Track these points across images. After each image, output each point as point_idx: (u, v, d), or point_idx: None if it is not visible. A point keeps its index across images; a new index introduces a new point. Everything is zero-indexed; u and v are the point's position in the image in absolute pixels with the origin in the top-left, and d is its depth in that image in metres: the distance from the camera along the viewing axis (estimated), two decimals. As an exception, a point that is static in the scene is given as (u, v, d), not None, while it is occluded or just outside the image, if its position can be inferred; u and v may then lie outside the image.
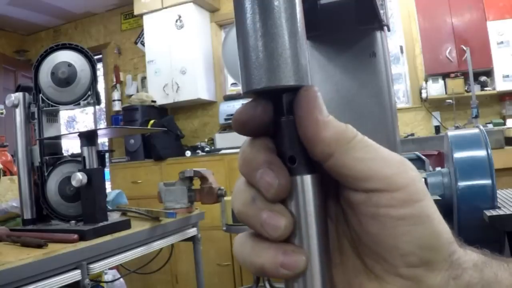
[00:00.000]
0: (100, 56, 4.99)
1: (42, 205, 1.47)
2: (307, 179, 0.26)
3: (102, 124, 5.30)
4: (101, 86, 4.98)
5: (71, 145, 3.04)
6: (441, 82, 3.61)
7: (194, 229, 1.94)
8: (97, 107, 1.56)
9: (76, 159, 1.50)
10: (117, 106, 4.76)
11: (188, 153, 3.82)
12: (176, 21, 4.17)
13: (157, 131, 3.70)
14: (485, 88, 3.54)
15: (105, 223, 1.41)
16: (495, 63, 3.42)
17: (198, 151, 3.89)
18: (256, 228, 0.26)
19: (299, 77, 0.25)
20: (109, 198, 1.94)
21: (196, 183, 1.91)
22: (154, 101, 4.23)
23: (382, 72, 0.66)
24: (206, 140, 4.32)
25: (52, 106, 1.51)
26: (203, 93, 4.24)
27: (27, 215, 1.47)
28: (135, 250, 1.55)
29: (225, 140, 3.94)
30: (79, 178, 1.35)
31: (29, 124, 1.53)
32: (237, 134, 0.27)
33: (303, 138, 0.26)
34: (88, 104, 1.52)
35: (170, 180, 1.89)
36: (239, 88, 4.01)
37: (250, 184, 0.27)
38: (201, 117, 4.54)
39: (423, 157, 1.95)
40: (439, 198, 1.42)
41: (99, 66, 4.86)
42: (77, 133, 1.47)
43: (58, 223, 1.46)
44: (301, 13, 0.26)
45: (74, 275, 1.25)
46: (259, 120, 0.26)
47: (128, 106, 4.19)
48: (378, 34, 0.66)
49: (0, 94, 4.58)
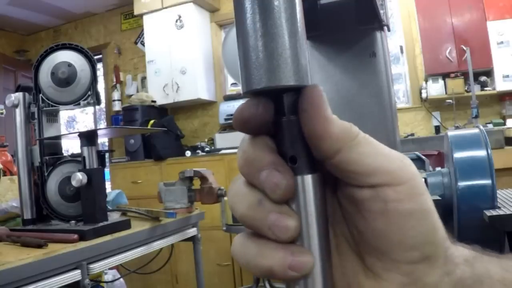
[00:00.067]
0: (100, 56, 4.99)
1: (42, 205, 1.47)
2: (309, 179, 0.26)
3: (102, 124, 5.30)
4: (101, 86, 4.98)
5: (71, 145, 3.04)
6: (441, 82, 3.61)
7: (194, 229, 1.94)
8: (97, 107, 1.56)
9: (76, 159, 1.50)
10: (117, 106, 4.76)
11: (188, 153, 3.82)
12: (176, 21, 4.17)
13: (157, 131, 3.70)
14: (485, 88, 3.54)
15: (105, 223, 1.41)
16: (495, 63, 3.42)
17: (198, 151, 3.89)
18: (263, 231, 0.26)
19: (299, 77, 0.25)
20: (109, 198, 1.94)
21: (196, 183, 1.90)
22: (154, 101, 4.23)
23: (382, 72, 0.66)
24: (206, 140, 4.32)
25: (52, 106, 1.51)
26: (203, 93, 4.24)
27: (27, 215, 1.47)
28: (135, 250, 1.55)
29: (225, 140, 3.94)
30: (79, 178, 1.35)
31: (29, 124, 1.53)
32: (237, 134, 0.27)
33: (311, 135, 0.26)
34: (88, 104, 1.52)
35: (170, 180, 1.89)
36: (239, 88, 4.01)
37: (252, 186, 0.26)
38: (201, 117, 4.54)
39: (423, 157, 1.95)
40: (439, 198, 1.42)
41: (99, 66, 4.87)
42: (77, 133, 1.47)
43: (58, 223, 1.46)
44: (301, 13, 0.26)
45: (74, 275, 1.25)
46: (261, 118, 0.26)
47: (128, 106, 4.19)
48: (378, 34, 0.67)
49: (0, 94, 4.58)
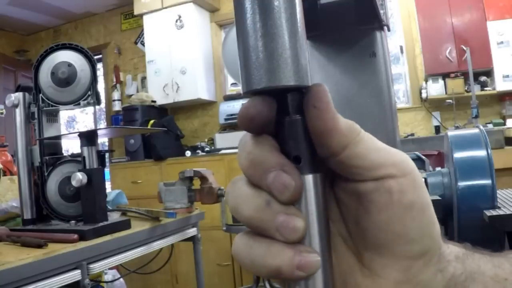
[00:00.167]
0: (100, 56, 4.99)
1: (42, 205, 1.47)
2: (313, 178, 0.26)
3: (102, 124, 5.30)
4: (101, 86, 4.98)
5: (71, 145, 3.04)
6: (441, 82, 3.61)
7: (194, 229, 1.94)
8: (97, 107, 1.56)
9: (76, 159, 1.50)
10: (117, 106, 4.76)
11: (188, 153, 3.82)
12: (176, 21, 4.17)
13: (157, 131, 3.70)
14: (485, 88, 3.54)
15: (105, 223, 1.41)
16: (495, 63, 3.42)
17: (198, 151, 3.89)
18: (270, 232, 0.25)
19: (299, 77, 0.25)
20: (109, 198, 1.94)
21: (196, 183, 1.90)
22: (154, 101, 4.23)
23: (382, 72, 0.66)
24: (206, 140, 4.32)
25: (52, 106, 1.51)
26: (203, 93, 4.23)
27: (27, 215, 1.47)
28: (135, 250, 1.55)
29: (225, 140, 3.94)
30: (79, 178, 1.35)
31: (29, 124, 1.53)
32: (237, 134, 0.27)
33: (321, 130, 0.26)
34: (88, 104, 1.52)
35: (170, 180, 1.89)
36: (239, 88, 4.01)
37: (257, 187, 0.26)
38: (201, 117, 4.54)
39: (423, 157, 1.95)
40: (439, 198, 1.42)
41: (99, 66, 4.87)
42: (77, 133, 1.47)
43: (58, 223, 1.46)
44: (301, 13, 0.26)
45: (74, 275, 1.25)
46: (266, 116, 0.26)
47: (128, 106, 4.19)
48: (378, 34, 0.67)
49: (0, 94, 4.58)
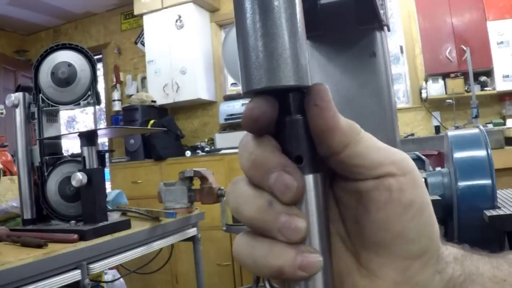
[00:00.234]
0: (100, 56, 4.99)
1: (42, 205, 1.47)
2: (315, 178, 0.26)
3: (102, 124, 5.30)
4: (101, 86, 4.98)
5: (71, 145, 3.04)
6: (441, 82, 3.61)
7: (194, 229, 1.94)
8: (97, 107, 1.56)
9: (76, 159, 1.50)
10: (117, 106, 4.76)
11: (188, 153, 3.82)
12: (176, 21, 4.17)
13: (157, 131, 3.70)
14: (485, 88, 3.54)
15: (105, 223, 1.41)
16: (495, 63, 3.42)
17: (198, 151, 3.89)
18: (272, 233, 0.25)
19: (299, 77, 0.25)
20: (109, 198, 1.94)
21: (196, 183, 1.90)
22: (154, 101, 4.23)
23: (382, 72, 0.66)
24: (206, 140, 4.32)
25: (52, 106, 1.51)
26: (203, 93, 4.23)
27: (27, 215, 1.47)
28: (135, 250, 1.55)
29: (225, 140, 3.93)
30: (79, 178, 1.35)
31: (29, 124, 1.53)
32: (237, 134, 0.27)
33: (322, 129, 0.26)
34: (88, 104, 1.52)
35: (170, 180, 1.89)
36: (239, 88, 4.01)
37: (258, 188, 0.26)
38: (201, 117, 4.54)
39: (423, 157, 1.95)
40: (439, 198, 1.42)
41: (99, 66, 4.87)
42: (77, 133, 1.47)
43: (58, 223, 1.46)
44: (301, 13, 0.26)
45: (74, 275, 1.25)
46: (270, 116, 0.26)
47: (128, 106, 4.19)
48: (378, 34, 0.66)
49: (0, 94, 4.58)
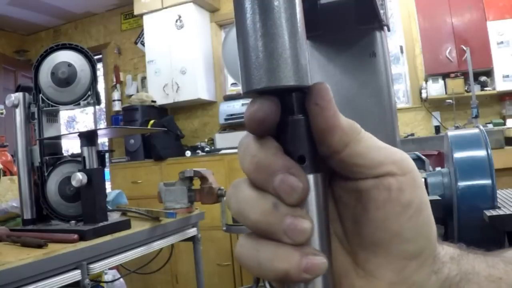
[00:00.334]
0: (100, 56, 4.99)
1: (42, 205, 1.47)
2: (314, 178, 0.26)
3: (102, 124, 5.30)
4: (101, 86, 4.98)
5: (71, 145, 3.04)
6: (441, 82, 3.61)
7: (194, 229, 1.94)
8: (97, 107, 1.56)
9: (76, 159, 1.50)
10: (117, 106, 4.76)
11: (188, 153, 3.82)
12: (176, 21, 4.17)
13: (157, 131, 3.70)
14: (485, 88, 3.54)
15: (105, 223, 1.41)
16: (495, 63, 3.42)
17: (198, 151, 3.89)
18: (277, 235, 0.25)
19: (299, 77, 0.25)
20: (109, 198, 1.94)
21: (196, 183, 1.90)
22: (154, 101, 4.23)
23: (382, 72, 0.66)
24: (206, 140, 4.32)
25: (52, 106, 1.51)
26: (203, 93, 4.23)
27: (27, 215, 1.47)
28: (135, 250, 1.55)
29: (225, 140, 3.93)
30: (79, 178, 1.35)
31: (29, 124, 1.53)
32: (237, 134, 0.27)
33: (323, 128, 0.26)
34: (88, 104, 1.52)
35: (170, 180, 1.89)
36: (239, 88, 4.01)
37: (262, 190, 0.26)
38: (201, 117, 4.54)
39: (423, 157, 1.95)
40: (439, 198, 1.42)
41: (99, 66, 4.86)
42: (77, 133, 1.47)
43: (58, 223, 1.46)
44: (301, 13, 0.26)
45: (74, 275, 1.25)
46: (274, 117, 0.26)
47: (128, 106, 4.19)
48: (378, 34, 0.66)
49: (0, 94, 4.58)
